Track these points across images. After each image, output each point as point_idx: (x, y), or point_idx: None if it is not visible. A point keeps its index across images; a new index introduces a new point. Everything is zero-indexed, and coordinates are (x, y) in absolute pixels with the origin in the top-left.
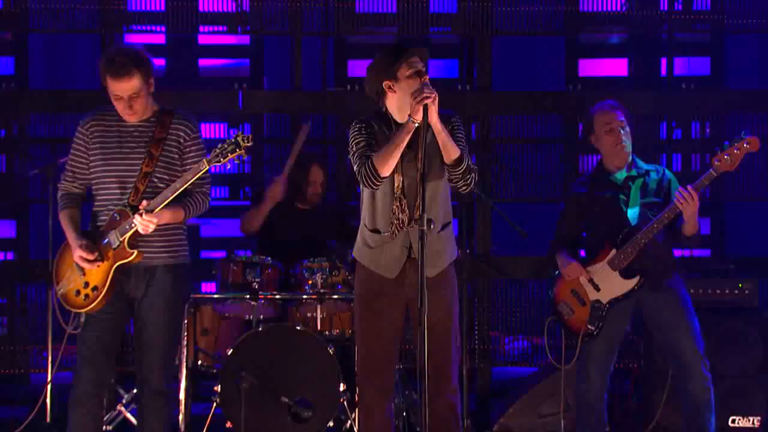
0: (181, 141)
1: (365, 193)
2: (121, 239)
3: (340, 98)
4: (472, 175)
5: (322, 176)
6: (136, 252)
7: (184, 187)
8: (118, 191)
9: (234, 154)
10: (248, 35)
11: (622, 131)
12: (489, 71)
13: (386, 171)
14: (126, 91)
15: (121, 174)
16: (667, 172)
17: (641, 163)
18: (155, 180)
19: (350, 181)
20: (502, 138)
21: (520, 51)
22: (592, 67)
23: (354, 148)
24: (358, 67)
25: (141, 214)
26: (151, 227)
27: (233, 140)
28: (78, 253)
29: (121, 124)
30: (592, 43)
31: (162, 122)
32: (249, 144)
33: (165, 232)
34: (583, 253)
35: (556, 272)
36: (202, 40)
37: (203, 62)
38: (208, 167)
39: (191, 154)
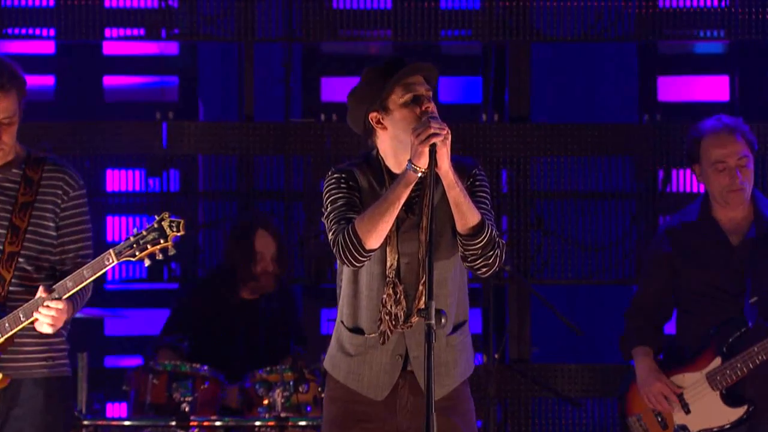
0: (59, 202)
1: (344, 275)
2: None
3: (311, 132)
4: (497, 251)
5: (274, 246)
6: (1, 376)
7: (84, 284)
8: None
9: (156, 248)
10: (176, 41)
11: (741, 170)
12: (527, 94)
13: (374, 241)
14: (1, 113)
15: None
16: None
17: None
18: (23, 263)
19: (324, 254)
20: (547, 191)
21: (572, 65)
22: (677, 89)
23: (329, 208)
24: (336, 88)
25: (47, 305)
26: (59, 324)
27: (156, 226)
28: None
29: None
30: (678, 55)
31: (27, 178)
32: (181, 233)
33: (36, 331)
34: (672, 329)
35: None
36: (110, 48)
37: (111, 81)
38: (115, 263)
39: (71, 222)
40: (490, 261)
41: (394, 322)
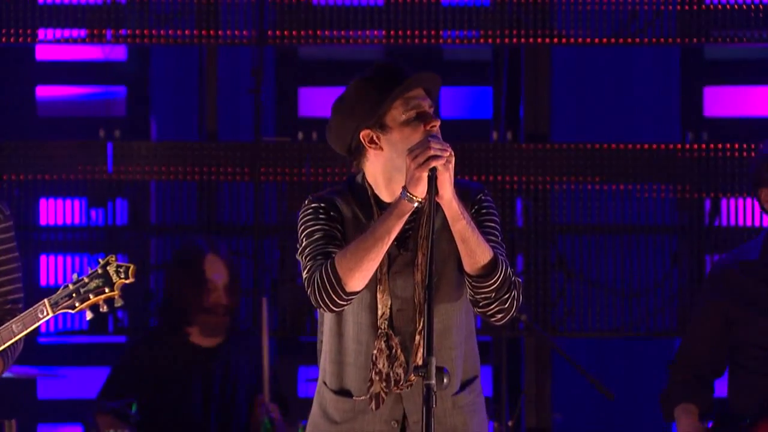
0: None
1: (326, 326)
2: None
3: (286, 154)
4: (513, 293)
5: (226, 273)
6: None
7: (13, 341)
8: None
9: (100, 298)
10: (124, 45)
11: None
12: (547, 108)
13: (357, 282)
14: None
15: None
16: None
17: None
18: None
19: (303, 301)
20: (570, 224)
21: (601, 73)
22: (727, 101)
23: (304, 243)
24: (316, 100)
25: None
26: None
27: (100, 272)
28: None
29: None
30: (728, 61)
31: None
32: (130, 280)
33: None
34: (723, 388)
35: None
36: (44, 53)
37: (45, 92)
38: (51, 315)
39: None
40: (507, 305)
41: (386, 383)
